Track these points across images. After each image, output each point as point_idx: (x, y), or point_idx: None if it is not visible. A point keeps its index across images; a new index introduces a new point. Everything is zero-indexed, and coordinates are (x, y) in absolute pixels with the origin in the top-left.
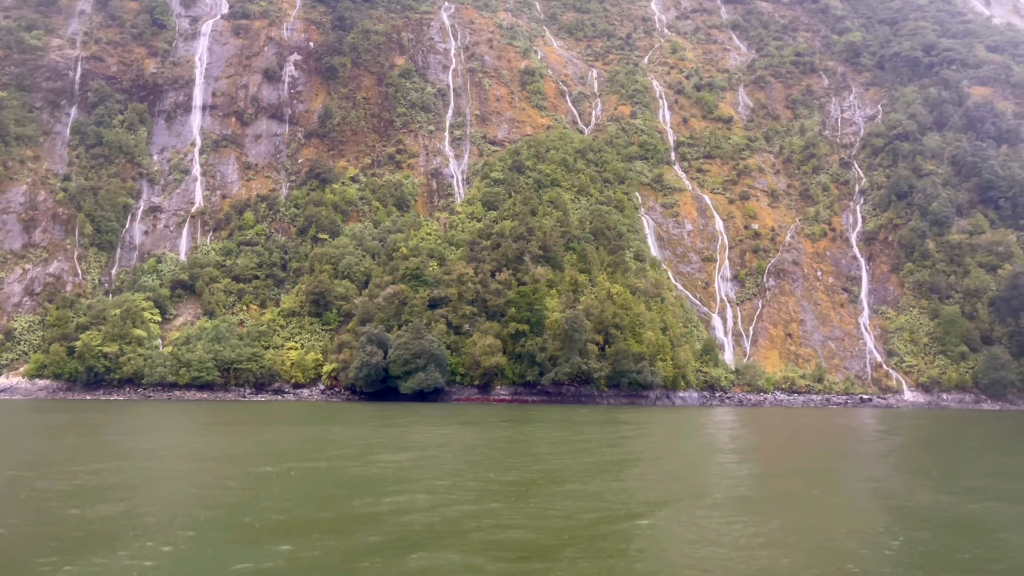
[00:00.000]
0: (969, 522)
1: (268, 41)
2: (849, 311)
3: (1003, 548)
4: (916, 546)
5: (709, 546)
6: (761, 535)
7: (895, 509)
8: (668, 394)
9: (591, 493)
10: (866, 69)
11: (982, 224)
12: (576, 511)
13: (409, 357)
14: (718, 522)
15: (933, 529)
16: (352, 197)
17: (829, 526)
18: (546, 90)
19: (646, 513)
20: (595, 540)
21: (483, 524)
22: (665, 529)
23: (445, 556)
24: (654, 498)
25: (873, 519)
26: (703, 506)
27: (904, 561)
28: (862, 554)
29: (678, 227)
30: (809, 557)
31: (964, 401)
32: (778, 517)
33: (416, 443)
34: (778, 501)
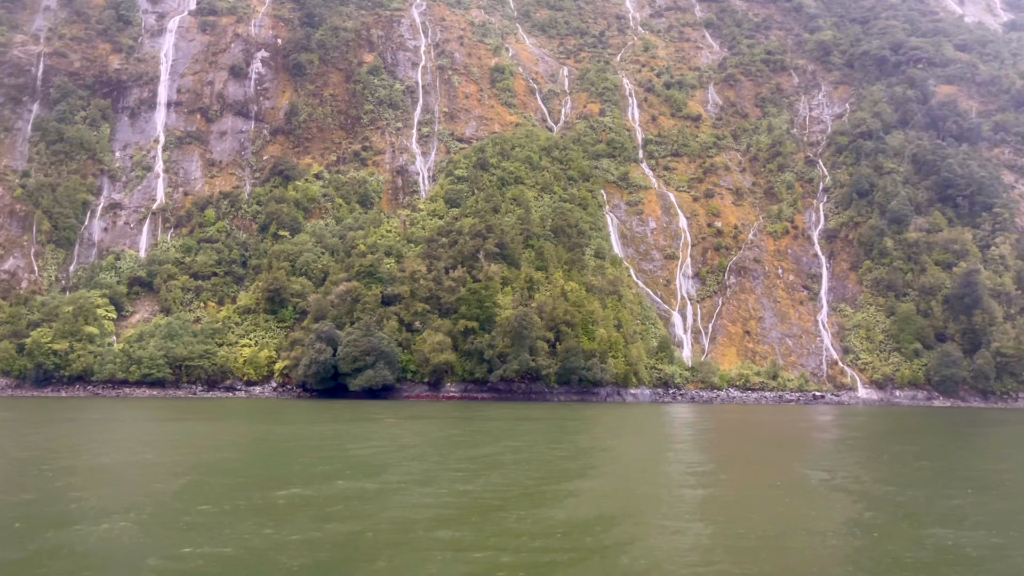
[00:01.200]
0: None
1: (235, 38)
2: (808, 308)
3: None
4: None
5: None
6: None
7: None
8: (619, 391)
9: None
10: (836, 68)
11: (940, 222)
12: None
13: (358, 354)
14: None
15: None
16: (315, 194)
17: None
18: (516, 88)
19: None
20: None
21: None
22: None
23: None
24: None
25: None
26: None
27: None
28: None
29: (642, 225)
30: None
31: (916, 398)
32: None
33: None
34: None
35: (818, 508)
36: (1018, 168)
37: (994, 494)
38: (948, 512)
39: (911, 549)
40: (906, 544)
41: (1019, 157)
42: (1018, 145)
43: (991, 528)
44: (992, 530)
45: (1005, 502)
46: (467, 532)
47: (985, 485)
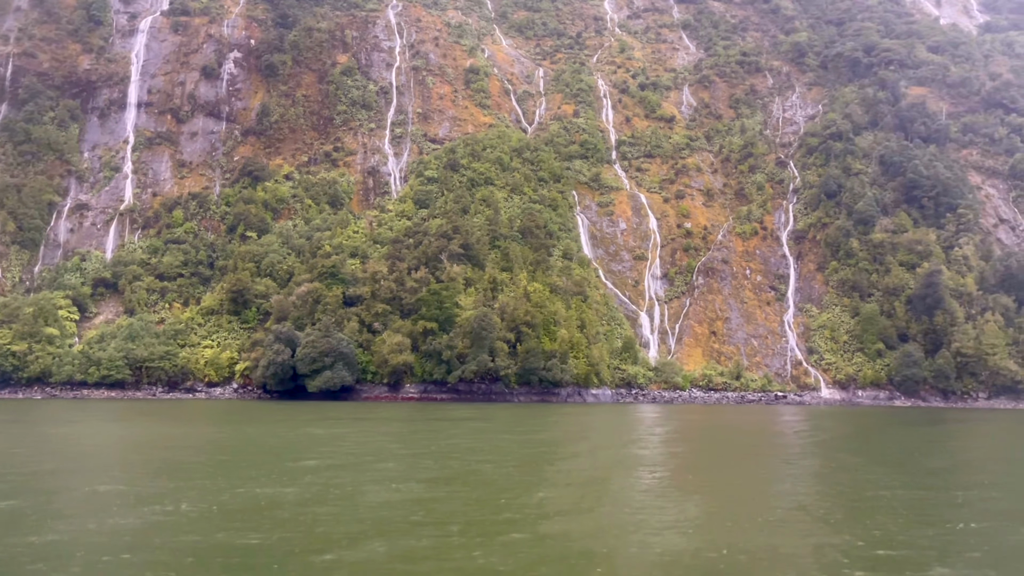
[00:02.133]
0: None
1: (208, 38)
2: (775, 309)
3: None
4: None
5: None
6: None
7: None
8: (580, 391)
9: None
10: (810, 69)
11: (905, 223)
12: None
13: (316, 356)
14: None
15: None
16: (284, 195)
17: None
18: (490, 89)
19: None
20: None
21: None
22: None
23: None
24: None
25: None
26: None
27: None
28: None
29: (612, 226)
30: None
31: (878, 398)
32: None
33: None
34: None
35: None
36: (985, 169)
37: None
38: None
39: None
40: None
41: (986, 158)
42: (986, 146)
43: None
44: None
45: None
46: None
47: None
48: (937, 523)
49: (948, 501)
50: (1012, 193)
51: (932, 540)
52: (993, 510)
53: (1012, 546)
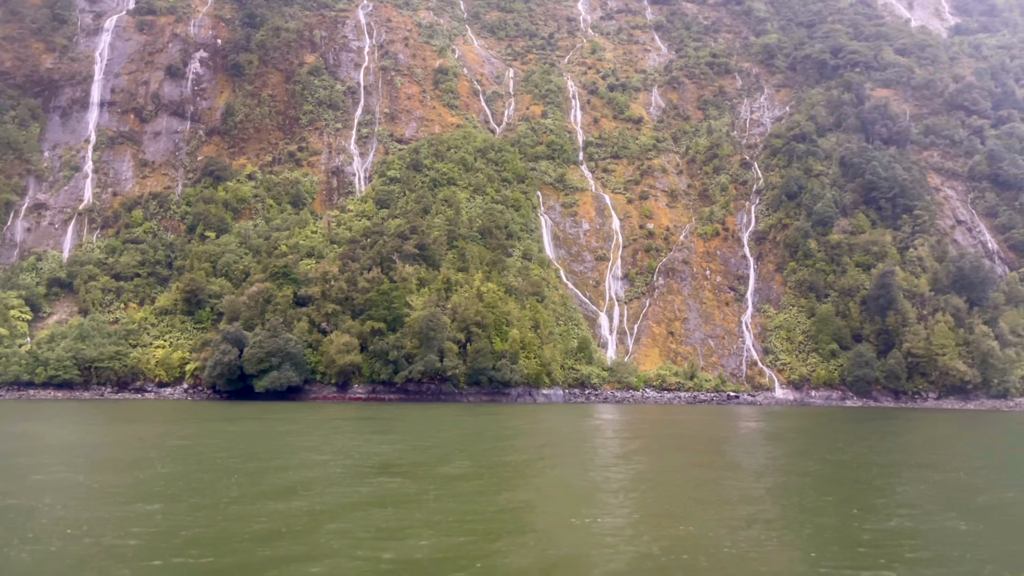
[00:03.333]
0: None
1: (173, 38)
2: (734, 309)
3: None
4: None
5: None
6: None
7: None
8: (531, 391)
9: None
10: (779, 71)
11: (863, 224)
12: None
13: (263, 356)
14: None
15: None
16: (245, 195)
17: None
18: (459, 89)
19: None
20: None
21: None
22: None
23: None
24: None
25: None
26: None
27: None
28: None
29: (575, 226)
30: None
31: (831, 398)
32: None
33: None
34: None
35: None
36: (945, 171)
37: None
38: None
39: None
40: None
41: (946, 160)
42: (947, 148)
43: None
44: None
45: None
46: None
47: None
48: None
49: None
50: (970, 195)
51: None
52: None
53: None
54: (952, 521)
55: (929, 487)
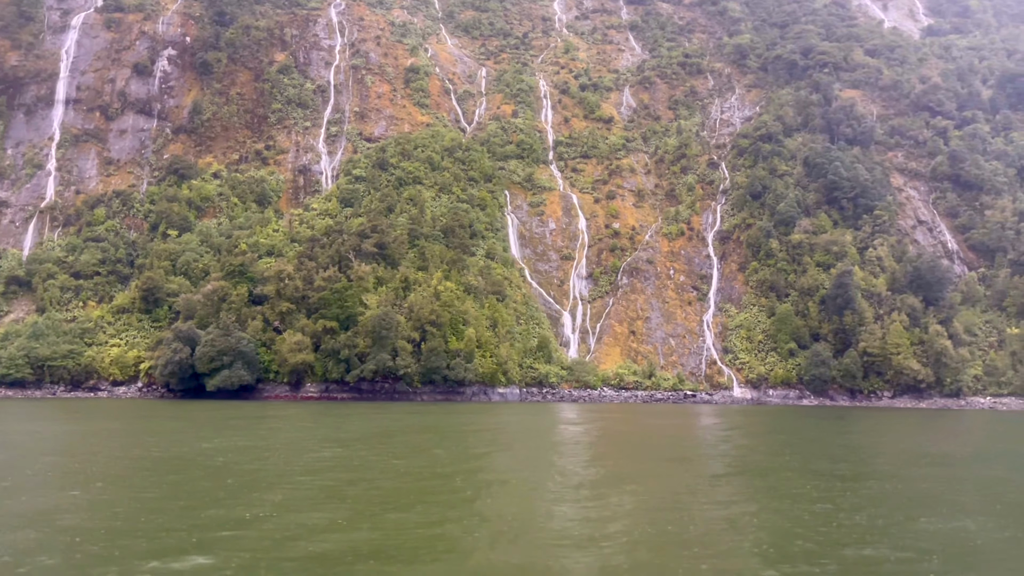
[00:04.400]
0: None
1: (141, 35)
2: (696, 309)
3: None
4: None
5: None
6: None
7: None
8: (486, 390)
9: None
10: (751, 71)
11: (825, 224)
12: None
13: (215, 355)
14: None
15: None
16: (210, 193)
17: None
18: (430, 88)
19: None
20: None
21: None
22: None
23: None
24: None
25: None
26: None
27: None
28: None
29: (542, 226)
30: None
31: (788, 397)
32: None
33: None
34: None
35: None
36: (908, 171)
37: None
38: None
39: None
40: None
41: (910, 160)
42: (911, 148)
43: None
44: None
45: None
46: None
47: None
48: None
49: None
50: (932, 195)
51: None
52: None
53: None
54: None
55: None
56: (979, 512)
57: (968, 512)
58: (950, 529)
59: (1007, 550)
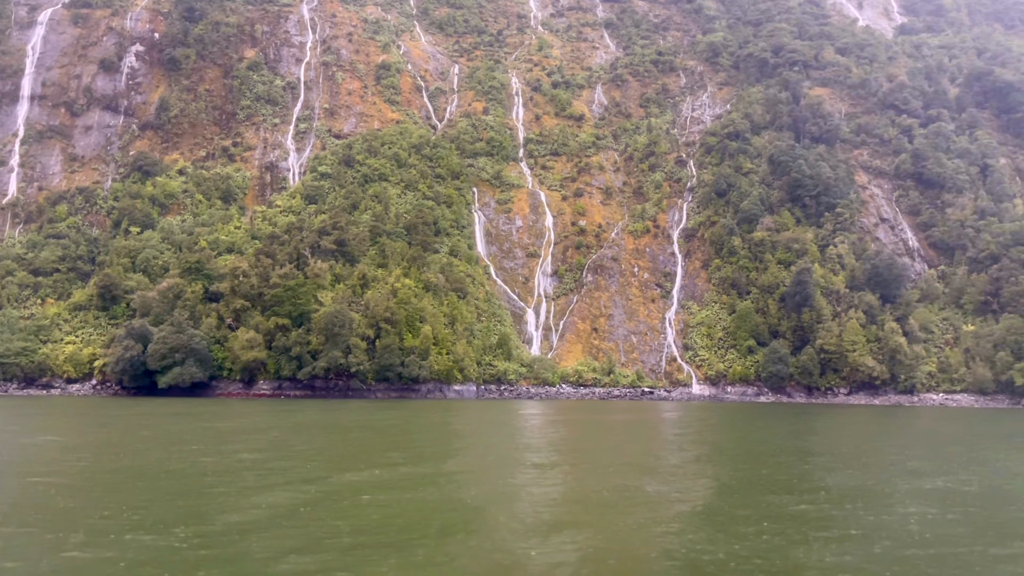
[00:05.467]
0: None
1: (108, 31)
2: (659, 306)
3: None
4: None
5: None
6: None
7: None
8: (441, 387)
9: None
10: (723, 69)
11: (788, 222)
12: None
13: (167, 352)
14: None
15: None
16: (174, 190)
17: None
18: (402, 85)
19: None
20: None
21: None
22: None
23: None
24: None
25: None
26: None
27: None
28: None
29: (508, 223)
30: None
31: (746, 394)
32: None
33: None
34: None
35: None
36: (873, 169)
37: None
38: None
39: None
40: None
41: (875, 158)
42: (876, 147)
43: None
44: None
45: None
46: None
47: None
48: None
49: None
50: (895, 193)
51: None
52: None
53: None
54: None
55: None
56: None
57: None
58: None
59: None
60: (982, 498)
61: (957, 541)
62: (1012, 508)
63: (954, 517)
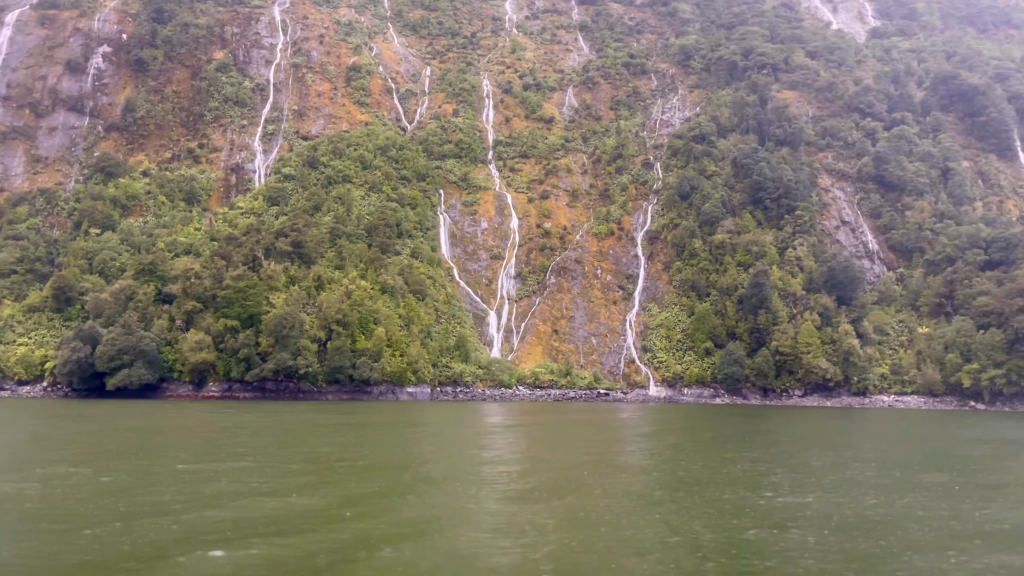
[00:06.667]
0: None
1: (75, 32)
2: (620, 308)
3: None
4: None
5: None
6: None
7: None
8: (394, 389)
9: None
10: (694, 72)
11: (749, 224)
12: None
13: (115, 353)
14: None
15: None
16: (137, 192)
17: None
18: (372, 87)
19: None
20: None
21: None
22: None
23: None
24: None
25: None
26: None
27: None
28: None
29: (474, 225)
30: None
31: (703, 395)
32: None
33: None
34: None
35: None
36: (836, 172)
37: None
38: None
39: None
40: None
41: (839, 161)
42: (841, 149)
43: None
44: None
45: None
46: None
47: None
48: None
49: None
50: (857, 196)
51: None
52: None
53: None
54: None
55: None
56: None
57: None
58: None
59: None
60: (807, 521)
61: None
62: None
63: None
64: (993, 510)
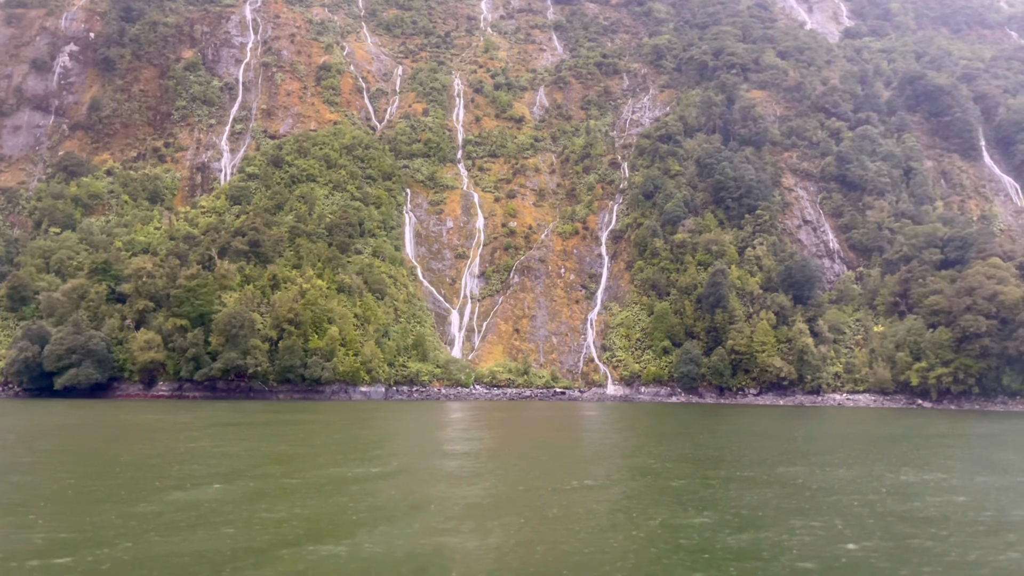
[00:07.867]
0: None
1: (42, 31)
2: (582, 307)
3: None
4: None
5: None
6: None
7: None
8: (347, 389)
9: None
10: (666, 72)
11: (710, 223)
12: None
13: (63, 353)
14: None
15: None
16: (99, 191)
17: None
18: (342, 86)
19: None
20: None
21: None
22: None
23: None
24: None
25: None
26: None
27: None
28: None
29: (439, 224)
30: None
31: (659, 394)
32: None
33: None
34: None
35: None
36: (800, 171)
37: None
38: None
39: None
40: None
41: (803, 161)
42: (806, 149)
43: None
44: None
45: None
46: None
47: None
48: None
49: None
50: (820, 195)
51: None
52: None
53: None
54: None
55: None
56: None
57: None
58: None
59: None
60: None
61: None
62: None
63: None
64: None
